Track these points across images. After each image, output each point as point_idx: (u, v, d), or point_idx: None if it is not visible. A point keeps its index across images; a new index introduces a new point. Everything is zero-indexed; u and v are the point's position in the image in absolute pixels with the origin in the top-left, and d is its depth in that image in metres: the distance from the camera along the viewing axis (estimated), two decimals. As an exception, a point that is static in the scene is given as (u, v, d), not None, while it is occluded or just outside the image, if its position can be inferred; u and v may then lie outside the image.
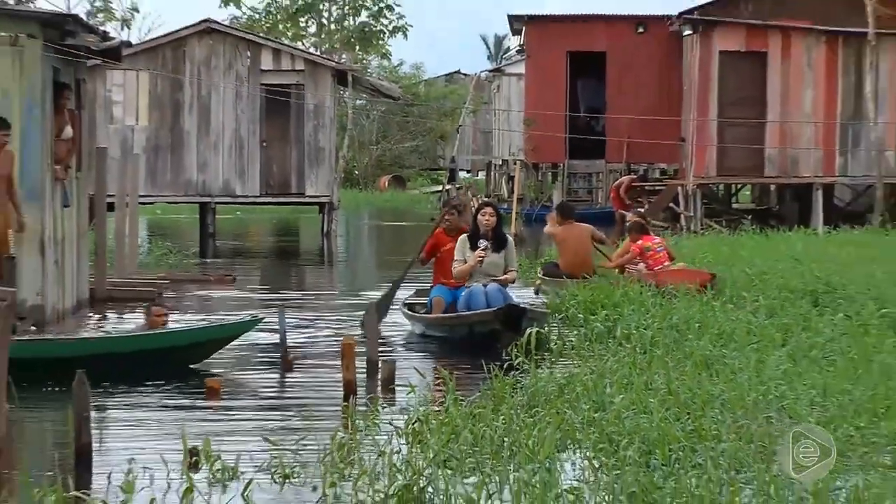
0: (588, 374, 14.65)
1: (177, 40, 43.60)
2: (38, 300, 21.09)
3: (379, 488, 10.40)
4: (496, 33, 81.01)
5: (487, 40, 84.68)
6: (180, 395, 16.39)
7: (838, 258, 25.16)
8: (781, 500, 9.53)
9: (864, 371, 14.16)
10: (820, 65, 42.38)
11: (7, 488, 10.67)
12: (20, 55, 20.69)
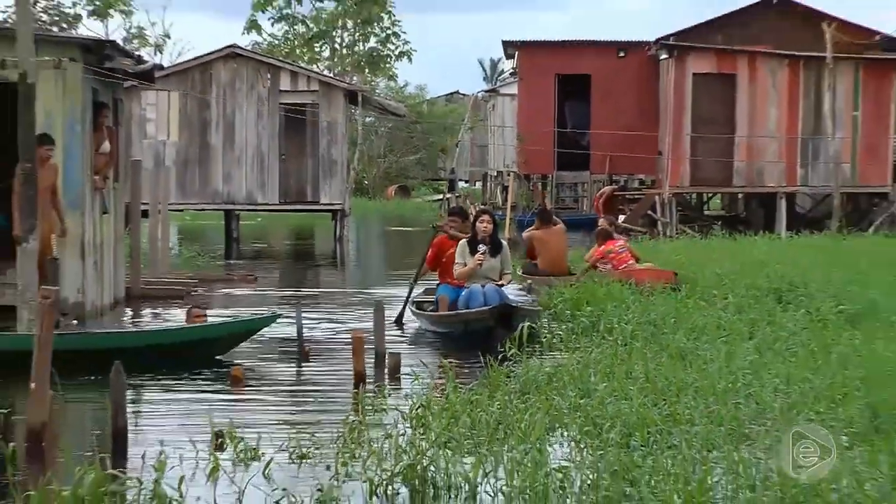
0: (574, 365, 14.68)
1: (204, 64, 43.64)
2: (79, 298, 21.11)
3: (386, 467, 10.42)
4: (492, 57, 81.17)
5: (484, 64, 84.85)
6: (207, 383, 16.40)
7: (800, 260, 25.14)
8: (749, 478, 9.54)
9: (823, 362, 14.17)
10: (783, 86, 42.43)
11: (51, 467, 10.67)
12: (63, 77, 20.69)
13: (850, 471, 9.58)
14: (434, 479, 10.23)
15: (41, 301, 13.41)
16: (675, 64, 42.63)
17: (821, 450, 8.28)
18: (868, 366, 13.68)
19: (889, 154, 42.49)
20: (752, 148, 42.41)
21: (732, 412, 11.77)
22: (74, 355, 15.12)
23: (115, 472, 10.07)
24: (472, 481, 10.06)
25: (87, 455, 10.82)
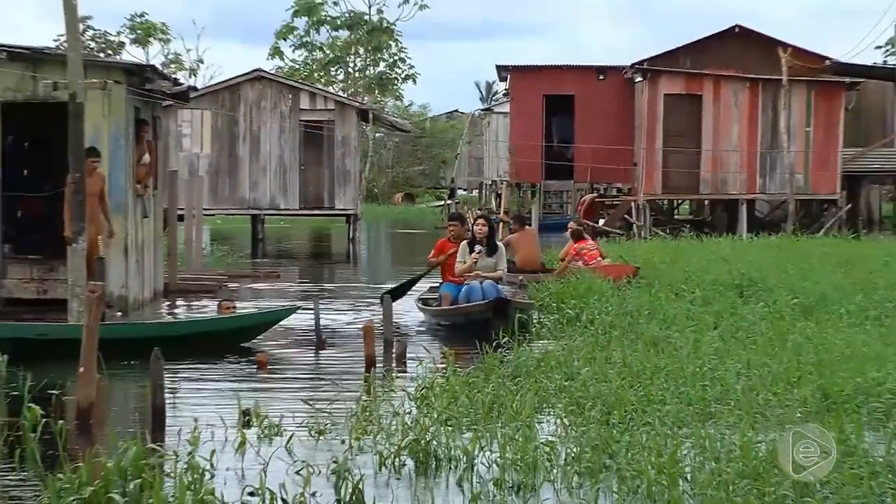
0: (560, 351, 14.69)
1: (233, 85, 43.67)
2: (122, 292, 21.09)
3: (394, 442, 10.45)
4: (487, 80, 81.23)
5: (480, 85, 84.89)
6: (235, 367, 16.39)
7: (759, 259, 25.12)
8: (714, 451, 9.54)
9: (779, 348, 14.18)
10: (744, 105, 42.44)
11: (98, 442, 10.67)
12: (108, 97, 20.67)
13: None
14: (436, 452, 10.23)
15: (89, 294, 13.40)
16: (649, 86, 42.65)
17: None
18: (820, 352, 13.69)
19: (837, 166, 42.51)
20: (716, 160, 42.43)
21: (700, 393, 11.77)
22: (118, 343, 15.11)
23: (154, 446, 10.08)
24: (470, 454, 10.06)
25: (130, 431, 10.84)
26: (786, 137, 41.25)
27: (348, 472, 9.35)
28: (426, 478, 9.85)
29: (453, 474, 9.86)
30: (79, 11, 17.75)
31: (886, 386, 11.71)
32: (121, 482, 9.06)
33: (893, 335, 15.09)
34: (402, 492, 9.37)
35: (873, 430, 10.51)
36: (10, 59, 21.16)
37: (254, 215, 43.55)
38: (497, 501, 8.97)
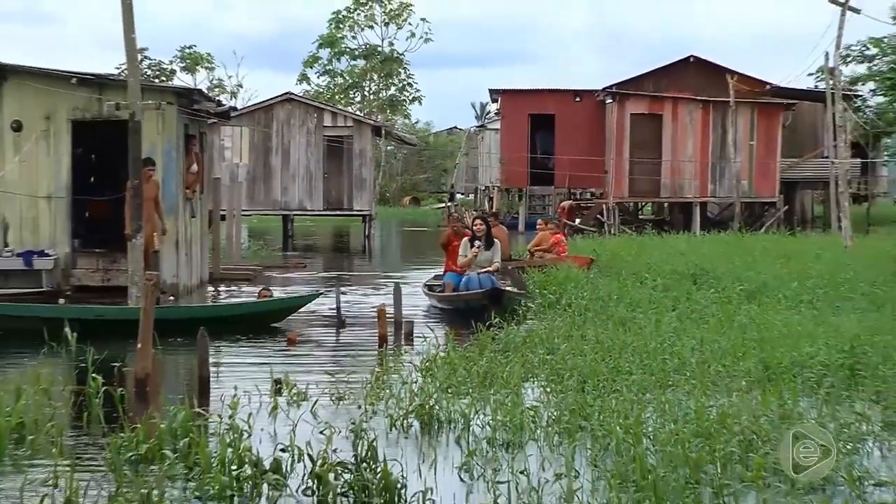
0: (542, 330, 14.68)
1: (267, 106, 43.67)
2: (174, 280, 21.08)
3: (402, 406, 10.44)
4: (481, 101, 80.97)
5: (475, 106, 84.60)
6: (268, 344, 16.37)
7: (710, 252, 25.12)
8: (673, 414, 9.53)
9: (727, 327, 14.17)
10: (698, 123, 42.48)
11: (153, 406, 10.66)
12: (162, 116, 20.62)
13: (749, 409, 9.58)
14: (438, 415, 10.22)
15: (146, 282, 13.39)
16: (617, 106, 42.66)
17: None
18: (761, 331, 13.69)
19: (776, 173, 42.54)
20: (674, 168, 42.48)
21: (660, 365, 11.76)
22: (170, 323, 15.11)
23: (199, 410, 10.07)
24: (467, 417, 10.06)
25: (179, 398, 10.80)
26: (733, 150, 41.32)
27: (364, 432, 9.32)
28: (430, 437, 9.84)
29: (452, 434, 9.86)
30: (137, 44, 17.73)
31: (818, 359, 11.71)
32: (172, 441, 9.07)
33: (823, 316, 15.09)
34: (409, 449, 9.37)
35: (807, 396, 10.51)
36: (79, 83, 21.15)
37: (284, 215, 43.61)
38: (489, 457, 8.95)
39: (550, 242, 24.38)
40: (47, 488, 7.55)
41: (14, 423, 9.74)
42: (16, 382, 10.90)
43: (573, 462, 8.40)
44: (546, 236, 24.76)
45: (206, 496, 7.97)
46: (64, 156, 21.28)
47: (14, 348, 14.67)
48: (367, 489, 7.99)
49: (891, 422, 9.71)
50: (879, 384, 10.90)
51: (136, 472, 8.46)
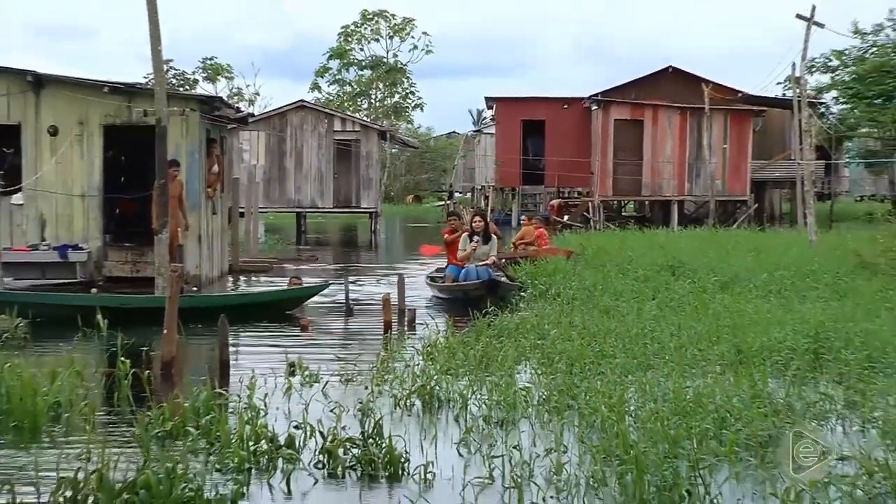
0: (534, 317, 14.69)
1: (282, 112, 43.68)
2: (196, 271, 21.10)
3: (406, 387, 10.45)
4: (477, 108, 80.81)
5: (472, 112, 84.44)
6: (283, 329, 16.38)
7: (687, 246, 25.11)
8: (653, 394, 9.53)
9: (703, 315, 14.17)
10: (675, 128, 42.45)
11: (177, 387, 10.65)
12: (186, 122, 20.66)
13: (723, 389, 9.58)
14: (438, 395, 10.23)
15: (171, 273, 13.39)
16: (602, 113, 42.62)
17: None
18: (734, 318, 13.69)
19: (747, 174, 42.53)
20: (654, 169, 42.44)
21: (642, 349, 11.77)
22: (193, 311, 15.12)
23: (220, 391, 10.08)
24: (465, 396, 10.05)
25: (202, 379, 10.83)
26: (708, 152, 41.26)
27: (370, 410, 9.35)
28: (431, 415, 9.84)
29: (451, 412, 9.86)
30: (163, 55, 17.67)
31: (785, 344, 11.73)
32: (194, 418, 9.07)
33: (790, 305, 15.10)
34: (412, 426, 9.35)
35: (775, 377, 10.52)
36: (110, 91, 21.18)
37: (298, 212, 43.61)
38: (485, 433, 8.95)
39: (534, 236, 24.52)
40: (81, 462, 7.53)
41: (50, 403, 9.76)
42: (52, 365, 10.90)
43: (562, 438, 8.39)
44: (529, 230, 24.93)
45: (226, 469, 7.97)
46: (96, 158, 21.29)
47: (50, 334, 14.67)
48: (373, 463, 8.00)
49: (852, 401, 9.71)
50: (841, 367, 10.92)
51: (162, 447, 8.45)
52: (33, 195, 21.14)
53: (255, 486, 7.69)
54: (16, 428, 9.41)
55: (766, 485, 7.31)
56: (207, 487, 7.16)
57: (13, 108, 21.26)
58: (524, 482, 7.35)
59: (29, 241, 20.98)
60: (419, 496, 7.29)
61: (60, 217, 21.25)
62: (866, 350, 11.47)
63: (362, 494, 7.41)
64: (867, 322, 13.07)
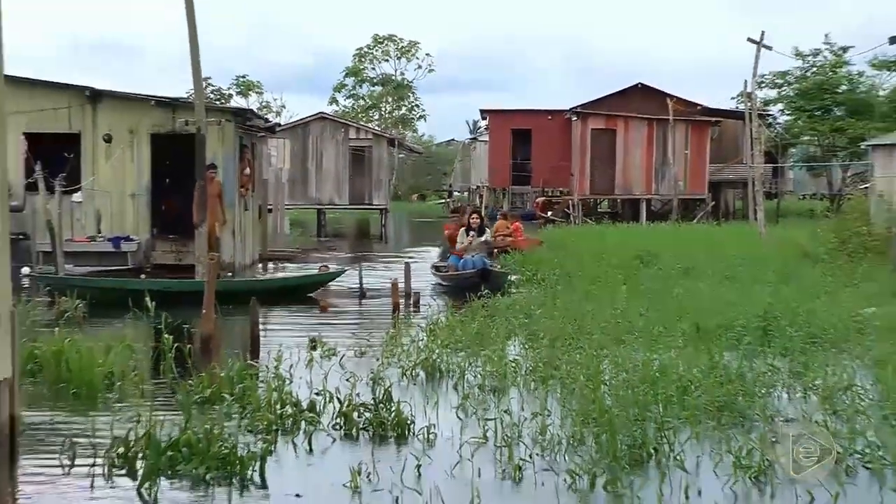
0: (522, 300, 14.70)
1: (305, 123, 43.64)
2: (231, 259, 21.11)
3: (411, 359, 10.44)
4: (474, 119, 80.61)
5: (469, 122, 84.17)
6: (305, 310, 16.38)
7: (653, 238, 25.14)
8: (625, 365, 9.52)
9: (667, 298, 14.16)
10: (644, 136, 42.40)
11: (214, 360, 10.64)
12: (222, 130, 20.67)
13: (685, 361, 9.57)
14: (440, 366, 10.22)
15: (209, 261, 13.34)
16: (581, 123, 42.56)
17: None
18: (694, 299, 13.69)
19: (706, 176, 42.48)
20: (625, 172, 42.43)
21: (615, 327, 11.75)
22: (228, 294, 15.09)
23: (251, 363, 10.08)
24: (462, 368, 10.06)
25: (235, 352, 10.82)
26: (672, 157, 41.24)
27: (381, 379, 9.33)
28: (433, 383, 9.83)
29: (451, 381, 9.85)
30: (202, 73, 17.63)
31: (739, 322, 11.71)
32: (229, 386, 9.06)
33: (743, 289, 15.09)
34: (416, 393, 9.34)
35: (730, 351, 10.49)
36: (156, 105, 21.21)
37: (318, 209, 43.48)
38: (480, 399, 8.94)
39: (511, 228, 24.77)
40: (131, 424, 7.52)
41: (105, 373, 9.76)
42: (106, 340, 10.89)
43: (546, 403, 8.38)
44: (503, 224, 25.21)
45: (256, 430, 7.96)
46: (144, 162, 21.30)
47: (105, 314, 14.66)
48: (383, 425, 7.99)
49: (796, 371, 9.70)
50: (787, 342, 10.91)
51: (201, 411, 8.44)
52: (91, 194, 21.14)
53: (281, 445, 7.67)
54: (75, 395, 9.43)
55: (722, 444, 7.30)
56: (240, 446, 7.15)
57: (74, 119, 21.27)
58: (513, 441, 7.34)
59: (87, 234, 20.98)
60: (423, 454, 7.28)
61: (114, 213, 21.27)
62: (808, 327, 11.48)
63: (374, 452, 7.39)
64: (809, 303, 13.09)
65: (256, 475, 6.86)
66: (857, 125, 42.41)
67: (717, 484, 6.61)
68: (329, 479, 6.75)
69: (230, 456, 6.96)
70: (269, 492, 6.68)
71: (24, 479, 7.15)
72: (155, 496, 6.46)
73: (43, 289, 16.70)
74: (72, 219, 20.94)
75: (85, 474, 6.96)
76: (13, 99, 16.65)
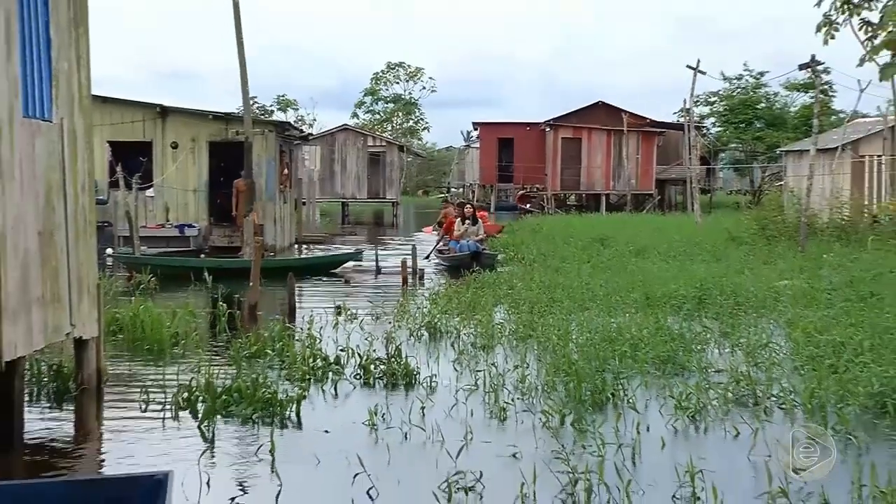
0: (506, 275, 14.63)
1: (331, 133, 43.47)
2: (273, 242, 21.05)
3: (417, 322, 10.39)
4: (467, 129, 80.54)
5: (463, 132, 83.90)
6: (331, 283, 16.30)
7: (611, 225, 25.07)
8: (588, 327, 9.48)
9: (622, 273, 14.11)
10: (604, 144, 42.16)
11: (259, 323, 10.61)
12: (266, 139, 20.55)
13: (636, 324, 9.53)
14: (439, 327, 10.17)
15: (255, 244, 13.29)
16: (553, 133, 42.34)
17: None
18: (644, 274, 13.63)
19: (653, 175, 42.33)
20: (589, 172, 42.19)
21: (580, 296, 11.70)
22: (270, 270, 15.06)
23: (289, 325, 10.03)
24: (458, 329, 10.01)
25: (276, 317, 10.77)
26: (626, 160, 41.09)
27: (392, 338, 9.30)
28: (434, 342, 9.79)
29: (448, 340, 9.80)
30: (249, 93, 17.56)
31: (679, 292, 11.67)
32: (271, 344, 9.02)
33: (683, 266, 15.03)
34: (421, 350, 9.31)
35: (672, 315, 10.46)
36: (213, 118, 21.09)
37: (342, 202, 43.31)
38: (472, 355, 8.90)
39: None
40: (193, 373, 7.50)
41: (172, 333, 9.72)
42: (173, 307, 10.85)
43: (525, 357, 8.36)
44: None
45: (293, 379, 7.92)
46: (203, 164, 21.20)
47: (172, 286, 14.62)
48: (395, 375, 7.96)
49: (725, 331, 9.67)
50: (717, 308, 10.88)
51: (249, 364, 8.42)
52: (160, 190, 21.06)
53: (313, 391, 7.65)
54: (148, 350, 9.41)
55: (665, 389, 7.28)
56: (280, 392, 7.12)
57: (147, 130, 21.18)
58: (499, 388, 7.31)
59: (158, 222, 20.91)
60: (426, 398, 7.25)
61: (179, 205, 21.20)
62: (735, 297, 11.44)
63: (387, 397, 7.37)
64: (735, 277, 13.05)
65: (293, 415, 6.84)
66: (773, 135, 42.71)
67: (662, 421, 6.59)
68: (351, 418, 6.72)
69: (272, 399, 6.93)
70: (303, 428, 6.66)
71: (108, 418, 7.15)
72: (212, 432, 6.43)
73: (122, 266, 16.65)
74: (145, 210, 20.88)
75: (157, 414, 6.94)
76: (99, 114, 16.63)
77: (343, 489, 5.19)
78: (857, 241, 17.60)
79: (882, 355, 7.80)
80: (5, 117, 5.83)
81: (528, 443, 6.05)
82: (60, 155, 6.85)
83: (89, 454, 6.22)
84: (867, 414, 6.70)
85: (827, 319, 9.61)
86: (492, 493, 5.12)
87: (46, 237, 6.55)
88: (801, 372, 7.84)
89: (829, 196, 21.72)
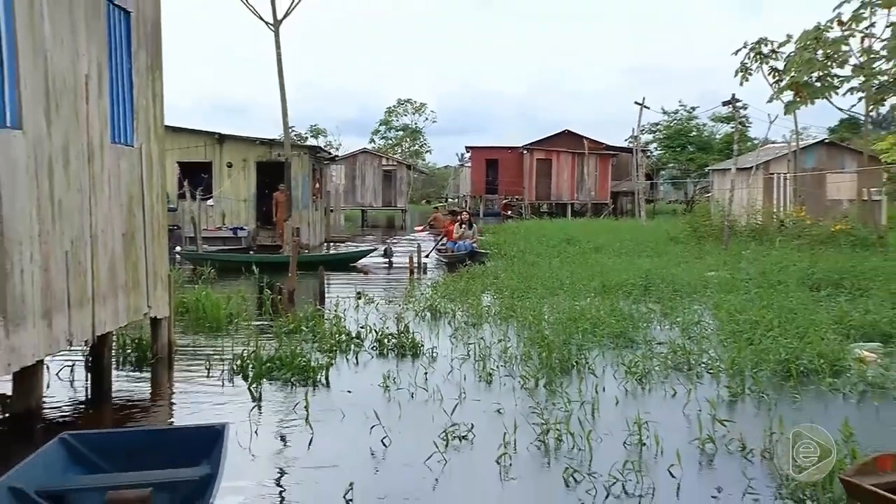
0: (492, 268, 14.58)
1: (353, 155, 43.24)
2: (307, 241, 20.90)
3: (421, 305, 10.34)
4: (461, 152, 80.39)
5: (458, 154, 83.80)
6: (353, 274, 16.24)
7: (575, 228, 24.99)
8: (557, 309, 9.46)
9: (584, 265, 14.04)
10: (569, 164, 41.95)
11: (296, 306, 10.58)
12: (302, 159, 20.45)
13: (595, 306, 9.52)
14: (439, 309, 10.14)
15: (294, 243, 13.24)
16: (530, 155, 42.17)
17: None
18: (601, 267, 13.59)
19: (608, 189, 42.25)
20: (558, 186, 41.99)
21: (551, 285, 11.67)
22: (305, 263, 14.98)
23: (319, 307, 9.99)
24: (454, 310, 9.97)
25: (309, 301, 10.74)
26: (587, 177, 40.95)
27: (402, 317, 9.28)
28: (435, 320, 9.75)
29: (446, 319, 9.76)
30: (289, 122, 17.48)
31: (629, 281, 11.63)
32: (306, 322, 8.99)
33: (632, 260, 14.97)
34: (424, 327, 9.28)
35: (623, 299, 10.44)
36: (260, 143, 20.96)
37: (362, 209, 43.08)
38: (464, 330, 8.88)
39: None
40: (244, 346, 7.49)
41: (227, 313, 9.69)
42: (227, 293, 10.83)
43: (507, 333, 8.35)
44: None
45: (323, 350, 7.91)
46: (252, 179, 21.10)
47: (227, 276, 14.57)
48: (404, 346, 7.94)
49: (665, 312, 9.65)
50: (659, 293, 10.86)
51: (288, 338, 8.40)
52: (218, 200, 20.98)
53: (339, 359, 7.64)
54: (209, 327, 9.37)
55: (618, 358, 7.28)
56: (313, 360, 7.12)
57: (208, 152, 21.10)
58: (486, 357, 7.31)
59: (216, 225, 20.85)
60: (429, 365, 7.25)
61: (233, 212, 21.12)
62: (673, 284, 11.42)
63: (397, 364, 7.37)
64: (673, 269, 13.02)
65: (323, 378, 6.84)
66: (703, 157, 42.94)
67: (615, 384, 6.60)
68: (369, 381, 6.73)
69: (306, 366, 6.94)
70: (331, 389, 6.66)
71: (177, 380, 7.14)
72: (259, 392, 6.44)
73: (188, 261, 16.61)
74: (206, 216, 20.79)
75: (216, 378, 6.94)
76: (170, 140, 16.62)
77: (363, 437, 5.23)
78: (768, 240, 17.61)
79: (787, 330, 7.85)
80: (97, 143, 5.86)
81: (509, 401, 6.06)
82: (140, 173, 6.86)
83: (163, 409, 6.24)
84: (776, 377, 6.74)
85: (745, 302, 9.63)
86: (481, 440, 5.15)
87: (129, 238, 6.57)
88: (724, 344, 7.85)
89: (745, 205, 21.78)
